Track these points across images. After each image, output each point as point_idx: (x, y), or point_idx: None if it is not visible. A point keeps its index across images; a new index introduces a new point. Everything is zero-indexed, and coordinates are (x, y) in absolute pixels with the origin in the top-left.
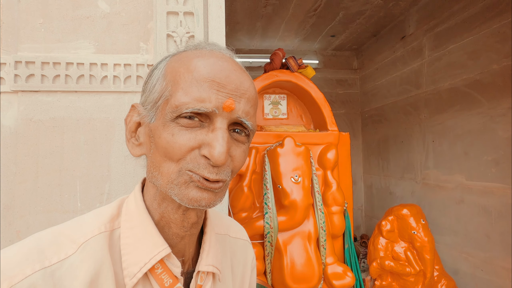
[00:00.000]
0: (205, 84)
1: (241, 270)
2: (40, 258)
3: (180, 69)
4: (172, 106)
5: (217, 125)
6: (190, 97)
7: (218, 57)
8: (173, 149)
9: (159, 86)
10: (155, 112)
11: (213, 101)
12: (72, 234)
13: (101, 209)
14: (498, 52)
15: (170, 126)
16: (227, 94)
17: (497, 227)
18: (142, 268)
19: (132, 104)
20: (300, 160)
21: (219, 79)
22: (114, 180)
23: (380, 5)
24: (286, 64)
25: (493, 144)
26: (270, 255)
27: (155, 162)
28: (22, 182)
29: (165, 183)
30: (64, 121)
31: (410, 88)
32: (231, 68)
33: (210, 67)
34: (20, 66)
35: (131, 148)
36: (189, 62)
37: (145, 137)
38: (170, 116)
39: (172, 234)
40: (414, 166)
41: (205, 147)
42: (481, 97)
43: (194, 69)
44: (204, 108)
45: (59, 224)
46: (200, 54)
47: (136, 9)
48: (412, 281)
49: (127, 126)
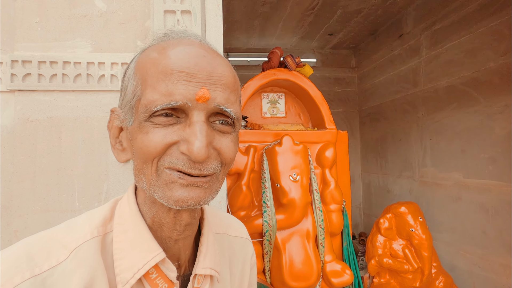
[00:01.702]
0: (173, 76)
1: (240, 268)
2: (30, 266)
3: (146, 65)
4: (142, 105)
5: (193, 119)
6: (158, 93)
7: (186, 44)
8: (148, 148)
9: (131, 86)
10: (131, 114)
11: (183, 93)
12: (63, 239)
13: (93, 212)
14: (495, 50)
15: (145, 127)
16: (198, 84)
17: (494, 224)
18: (135, 274)
19: (111, 109)
20: (299, 158)
21: (187, 69)
22: (112, 179)
23: (378, 3)
24: (284, 62)
25: (490, 142)
26: (269, 254)
27: (138, 165)
28: (20, 182)
29: (148, 186)
30: (62, 120)
31: (408, 86)
32: (200, 54)
33: (176, 57)
34: (17, 65)
35: (117, 154)
36: (155, 55)
37: (127, 142)
38: (143, 117)
39: (165, 238)
40: (412, 164)
41: (183, 143)
42: (478, 95)
43: (159, 61)
44: (174, 102)
45: (58, 223)
46: (166, 45)
47: (133, 8)
48: (410, 278)
49: (110, 132)
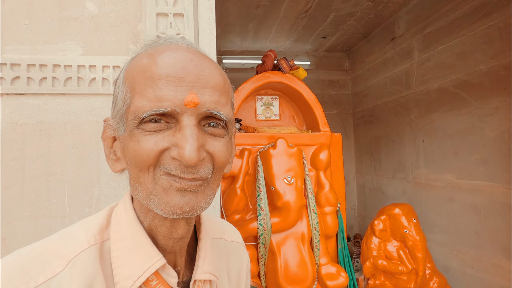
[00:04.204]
0: (160, 82)
1: (236, 273)
2: (25, 279)
3: (134, 72)
4: (132, 113)
5: (183, 124)
6: (146, 99)
7: (172, 49)
8: (141, 157)
9: (121, 94)
10: (123, 123)
11: (171, 99)
12: (58, 250)
13: (88, 220)
14: (485, 53)
15: (135, 134)
16: (187, 88)
17: (486, 224)
18: (135, 281)
19: (104, 119)
20: (293, 161)
21: (174, 73)
22: (104, 184)
23: (370, 6)
24: (278, 65)
25: (481, 143)
26: (263, 257)
27: (133, 174)
28: (8, 188)
29: (145, 194)
30: (52, 124)
31: (401, 89)
32: (186, 58)
33: (163, 62)
34: (5, 69)
35: (111, 164)
36: (142, 62)
37: (120, 151)
38: (133, 124)
39: (161, 246)
40: (406, 165)
41: (174, 148)
42: (469, 97)
43: (147, 68)
44: (162, 108)
45: (47, 229)
46: (153, 51)
47: (125, 10)
48: (404, 279)
49: (104, 143)
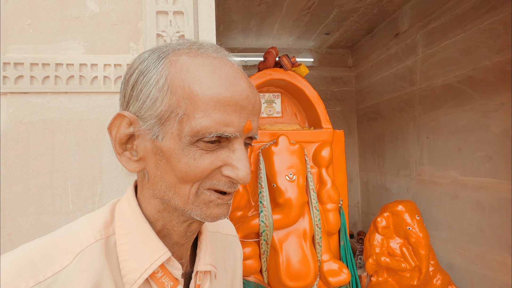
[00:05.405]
0: (230, 108)
1: (232, 265)
2: (33, 273)
3: (194, 86)
4: (193, 129)
5: (237, 146)
6: (213, 121)
7: (233, 70)
8: (195, 173)
9: (166, 100)
10: (162, 129)
11: (236, 125)
12: (65, 244)
13: (92, 215)
14: (490, 48)
15: (191, 150)
16: (247, 116)
17: (490, 221)
18: (143, 274)
19: (119, 113)
20: (295, 158)
21: (241, 102)
22: (106, 181)
23: (374, 2)
24: (280, 62)
25: (486, 140)
26: (265, 254)
27: (169, 182)
28: (13, 185)
29: (183, 203)
30: (55, 122)
31: (405, 85)
32: (247, 86)
33: (233, 88)
34: (9, 68)
35: (126, 163)
36: (204, 77)
37: (147, 153)
38: (190, 140)
39: (172, 243)
40: (409, 162)
41: (227, 167)
42: (473, 93)
43: (213, 88)
44: (227, 133)
45: (51, 225)
46: (211, 65)
47: (125, 9)
48: (407, 276)
49: (114, 138)
